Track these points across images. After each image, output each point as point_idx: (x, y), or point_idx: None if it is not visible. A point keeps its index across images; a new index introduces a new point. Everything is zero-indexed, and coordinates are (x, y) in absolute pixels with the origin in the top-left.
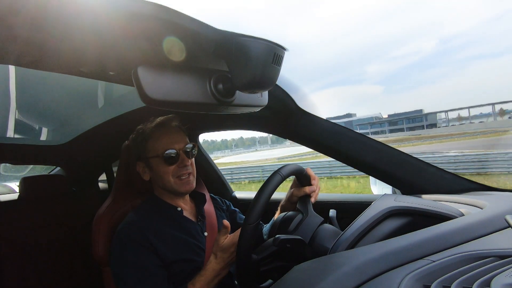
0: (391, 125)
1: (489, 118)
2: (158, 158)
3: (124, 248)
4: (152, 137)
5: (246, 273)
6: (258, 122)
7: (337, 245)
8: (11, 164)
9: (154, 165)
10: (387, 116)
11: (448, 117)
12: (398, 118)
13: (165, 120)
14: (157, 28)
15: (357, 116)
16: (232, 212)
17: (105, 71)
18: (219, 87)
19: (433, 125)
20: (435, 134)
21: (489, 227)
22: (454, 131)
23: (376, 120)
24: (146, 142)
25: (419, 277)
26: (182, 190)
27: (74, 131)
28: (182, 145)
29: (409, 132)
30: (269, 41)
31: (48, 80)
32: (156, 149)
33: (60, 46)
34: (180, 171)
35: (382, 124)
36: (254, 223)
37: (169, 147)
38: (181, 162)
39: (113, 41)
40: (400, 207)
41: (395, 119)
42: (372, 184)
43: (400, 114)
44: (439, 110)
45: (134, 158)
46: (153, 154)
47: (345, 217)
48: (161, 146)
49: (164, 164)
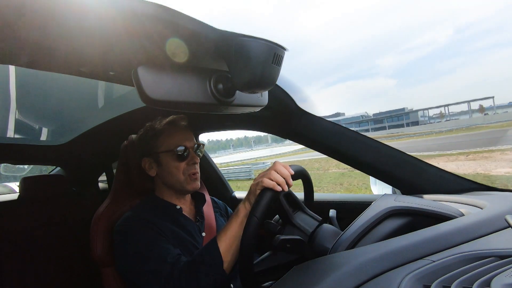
0: (376, 123)
1: (466, 115)
2: (169, 153)
3: (125, 238)
4: (164, 133)
5: (248, 267)
6: (258, 122)
7: (337, 245)
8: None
9: (164, 160)
10: (372, 115)
11: (429, 114)
12: (383, 116)
13: (176, 118)
14: (157, 28)
15: (345, 115)
16: None
17: (105, 71)
18: (219, 87)
19: (415, 123)
20: (412, 132)
21: (489, 227)
22: (430, 129)
23: (363, 118)
24: (157, 137)
25: (419, 277)
26: (189, 187)
27: (74, 131)
28: (192, 143)
29: (390, 130)
30: (269, 41)
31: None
32: (168, 145)
33: (60, 46)
34: (190, 169)
35: (370, 122)
36: (260, 216)
37: (182, 144)
38: (191, 159)
39: (113, 41)
40: (400, 207)
41: (380, 118)
42: (372, 184)
43: (385, 112)
44: (420, 108)
45: (139, 155)
46: (164, 149)
47: (345, 217)
48: (173, 141)
49: (176, 159)
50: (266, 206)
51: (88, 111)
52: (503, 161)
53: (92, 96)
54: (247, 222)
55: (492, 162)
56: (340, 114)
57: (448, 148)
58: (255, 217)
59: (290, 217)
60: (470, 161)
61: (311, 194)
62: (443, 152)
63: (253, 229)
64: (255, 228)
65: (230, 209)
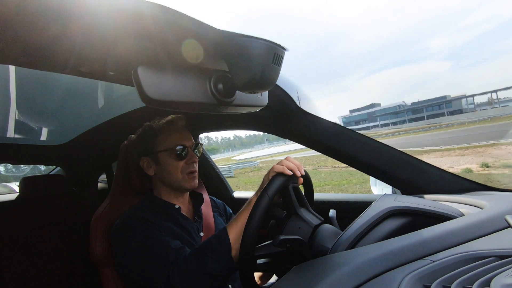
0: (414, 113)
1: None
2: (168, 152)
3: (124, 237)
4: (163, 132)
5: (251, 244)
6: (258, 122)
7: (337, 245)
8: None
9: (163, 159)
10: (410, 105)
11: (476, 102)
12: (422, 105)
13: (175, 118)
14: (157, 28)
15: (381, 106)
16: (230, 216)
17: (105, 71)
18: (219, 87)
19: (459, 111)
20: (452, 121)
21: (489, 227)
22: (473, 118)
23: (400, 109)
24: (156, 137)
25: (419, 277)
26: (187, 186)
27: (74, 131)
28: (191, 143)
29: (429, 120)
30: (269, 41)
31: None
32: (167, 144)
33: (60, 46)
34: (188, 168)
35: (408, 113)
36: (271, 196)
37: (180, 143)
38: (189, 158)
39: (113, 41)
40: (400, 207)
41: (418, 107)
42: (372, 184)
43: (424, 101)
44: (465, 95)
45: (137, 154)
46: (163, 148)
47: (345, 217)
48: (172, 140)
49: (175, 158)
50: (278, 188)
51: (88, 111)
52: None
53: (92, 96)
54: (257, 199)
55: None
56: (376, 105)
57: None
58: (267, 194)
59: (296, 208)
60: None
61: (311, 195)
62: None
63: (263, 207)
64: (265, 206)
65: (229, 209)
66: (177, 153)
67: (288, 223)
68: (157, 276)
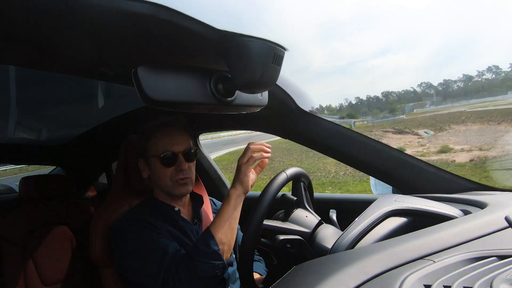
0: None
1: None
2: (156, 158)
3: (123, 238)
4: (154, 136)
5: (254, 242)
6: (258, 122)
7: (337, 245)
8: None
9: (153, 164)
10: None
11: None
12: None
13: (170, 120)
14: (157, 28)
15: None
16: None
17: (105, 71)
18: (219, 87)
19: None
20: None
21: (490, 227)
22: None
23: None
24: (148, 140)
25: (420, 277)
26: (176, 192)
27: (74, 131)
28: (183, 147)
29: None
30: (269, 41)
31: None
32: (156, 149)
33: (60, 46)
34: (177, 175)
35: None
36: (290, 175)
37: (168, 149)
38: (178, 165)
39: (113, 41)
40: (400, 207)
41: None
42: (372, 184)
43: None
44: None
45: (136, 155)
46: (152, 153)
47: (345, 217)
48: (160, 146)
49: (162, 165)
50: (297, 173)
51: (88, 111)
52: None
53: (92, 96)
54: (275, 177)
55: None
56: None
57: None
58: (285, 173)
59: (307, 201)
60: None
61: (311, 195)
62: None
63: (278, 185)
64: (280, 184)
65: None
66: (164, 160)
67: (295, 212)
68: (152, 280)
